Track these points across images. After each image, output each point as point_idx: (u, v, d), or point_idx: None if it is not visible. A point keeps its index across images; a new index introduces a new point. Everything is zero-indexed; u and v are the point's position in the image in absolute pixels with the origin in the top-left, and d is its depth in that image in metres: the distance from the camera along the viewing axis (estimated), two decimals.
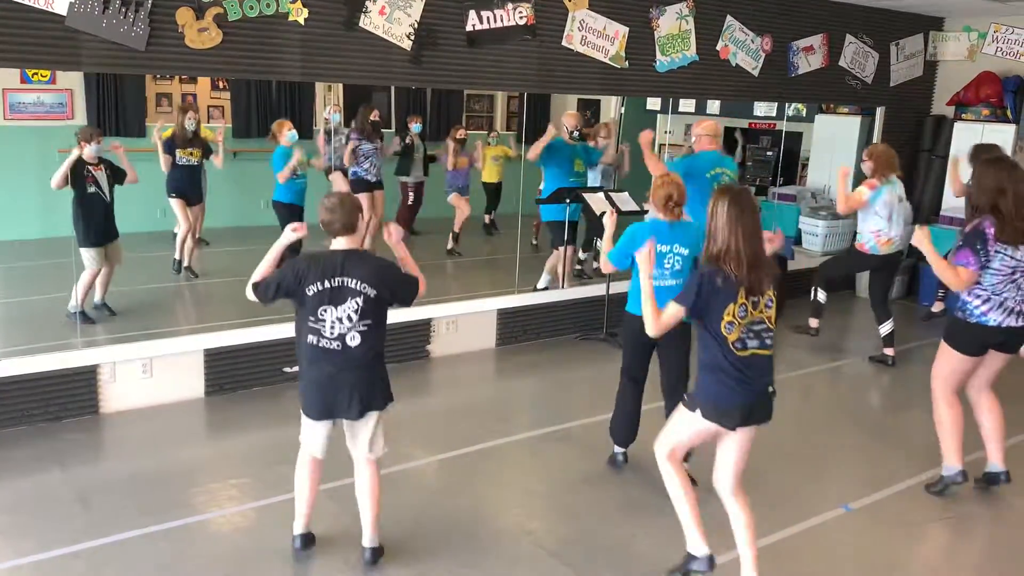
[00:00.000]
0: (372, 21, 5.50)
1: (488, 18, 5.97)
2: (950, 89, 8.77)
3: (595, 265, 7.87)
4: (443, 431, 5.12)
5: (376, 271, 3.39)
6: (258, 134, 9.57)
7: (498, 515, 4.18)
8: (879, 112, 8.80)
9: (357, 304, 3.35)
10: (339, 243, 3.41)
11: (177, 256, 7.36)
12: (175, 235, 8.38)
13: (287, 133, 7.20)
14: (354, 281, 3.34)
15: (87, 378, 5.07)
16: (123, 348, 5.25)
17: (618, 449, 4.73)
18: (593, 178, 8.54)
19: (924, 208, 8.89)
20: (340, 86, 9.42)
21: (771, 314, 3.27)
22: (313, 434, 3.65)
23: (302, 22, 5.24)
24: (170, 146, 7.23)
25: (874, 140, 8.83)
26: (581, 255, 8.33)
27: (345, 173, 8.21)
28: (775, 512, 4.13)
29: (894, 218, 6.32)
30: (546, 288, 7.21)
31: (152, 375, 5.27)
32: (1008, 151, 8.06)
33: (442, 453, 4.73)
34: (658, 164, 6.08)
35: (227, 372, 5.53)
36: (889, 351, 6.68)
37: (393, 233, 3.62)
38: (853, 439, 5.18)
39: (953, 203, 8.57)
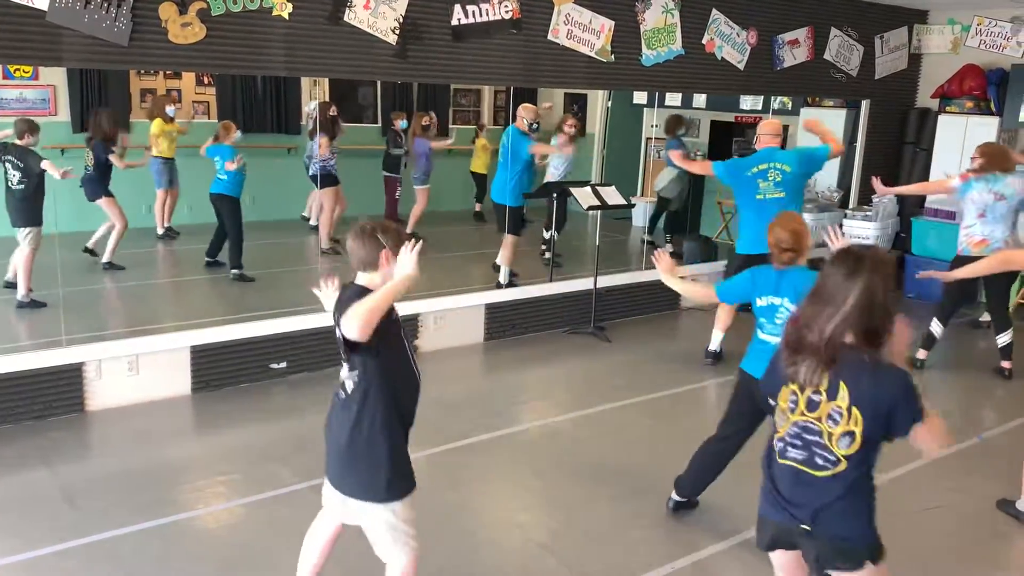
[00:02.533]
0: (357, 15, 5.48)
1: (473, 12, 5.95)
2: (934, 82, 8.81)
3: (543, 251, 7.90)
4: (433, 426, 5.12)
5: (346, 304, 2.60)
6: (244, 129, 9.54)
7: (489, 508, 4.19)
8: (864, 105, 8.84)
9: (340, 346, 2.70)
10: (359, 278, 2.79)
11: (108, 258, 7.39)
12: (159, 235, 8.39)
13: (234, 135, 7.63)
14: (338, 315, 2.68)
15: (72, 376, 5.04)
16: (109, 345, 5.22)
17: (678, 497, 4.14)
18: (559, 165, 8.59)
19: (908, 201, 8.93)
20: (326, 80, 9.42)
21: (836, 429, 2.36)
22: (325, 495, 3.02)
23: (286, 16, 5.21)
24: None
25: (859, 133, 8.88)
26: (546, 234, 8.53)
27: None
28: None
29: (988, 217, 5.91)
30: (510, 283, 7.19)
31: (138, 372, 5.24)
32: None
33: (432, 448, 4.73)
34: (702, 165, 6.23)
35: (214, 368, 5.51)
36: (1006, 364, 6.19)
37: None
38: None
39: (939, 196, 8.62)
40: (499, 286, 7.13)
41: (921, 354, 6.26)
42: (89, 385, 5.11)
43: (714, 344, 6.35)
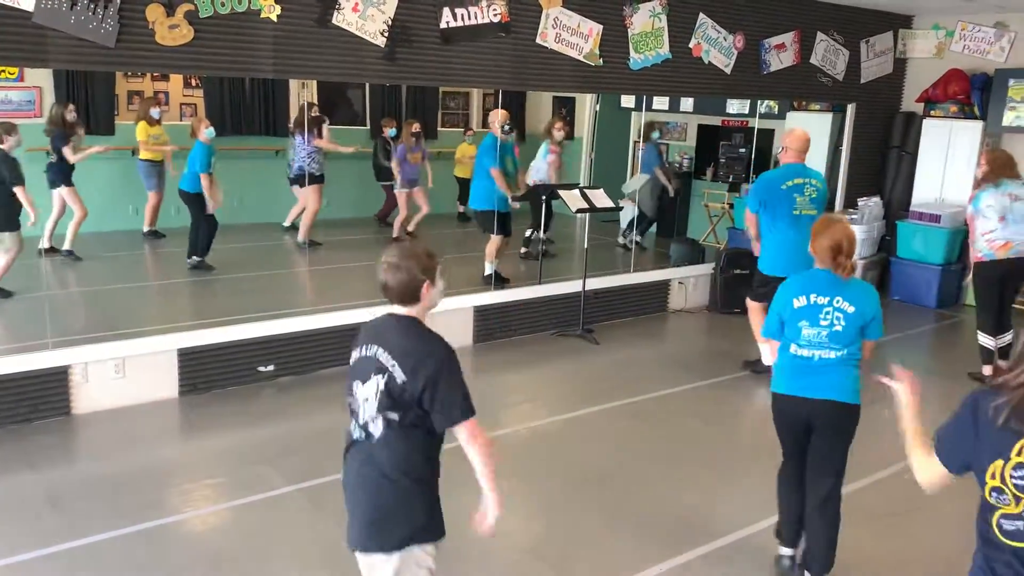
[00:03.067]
0: (345, 18, 5.47)
1: (462, 15, 5.96)
2: (919, 86, 8.88)
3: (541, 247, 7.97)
4: None
5: (417, 352, 2.44)
6: (232, 132, 9.53)
7: (473, 512, 4.18)
8: (850, 109, 8.89)
9: (378, 385, 2.44)
10: (394, 309, 2.56)
11: (68, 246, 7.45)
12: (144, 233, 8.36)
13: (205, 130, 7.57)
14: (384, 354, 2.45)
15: (58, 379, 5.01)
16: (95, 348, 5.19)
17: (785, 551, 3.66)
18: (541, 168, 8.63)
19: (894, 204, 9.00)
20: (314, 83, 9.41)
21: None
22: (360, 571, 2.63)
23: (274, 19, 5.20)
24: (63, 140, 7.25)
25: (845, 136, 8.93)
26: (527, 233, 8.64)
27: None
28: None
29: (1008, 219, 5.89)
30: (491, 274, 7.28)
31: (125, 375, 5.22)
32: (975, 147, 8.21)
33: None
34: (751, 222, 5.86)
35: (201, 371, 5.49)
36: (987, 370, 6.14)
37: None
38: None
39: (923, 198, 8.70)
40: (489, 280, 7.23)
41: (986, 370, 6.13)
42: (75, 388, 5.08)
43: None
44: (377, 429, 2.46)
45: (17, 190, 6.03)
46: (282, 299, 7.13)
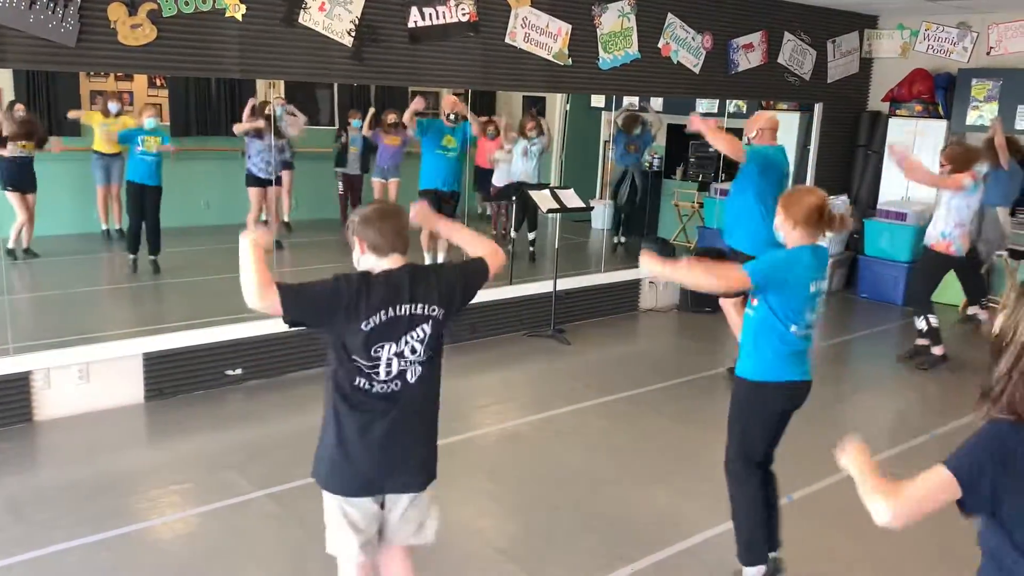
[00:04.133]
0: (312, 17, 5.42)
1: (430, 15, 5.93)
2: (885, 85, 8.99)
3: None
4: None
5: (444, 282, 2.62)
6: (197, 132, 9.41)
7: (447, 513, 4.15)
8: (817, 108, 8.98)
9: (424, 332, 2.54)
10: (386, 262, 2.57)
11: (11, 245, 7.38)
12: (103, 229, 8.21)
13: (147, 119, 7.57)
14: (422, 306, 2.54)
15: (20, 385, 4.90)
16: (58, 353, 5.09)
17: (753, 572, 3.46)
18: (526, 166, 8.63)
19: (861, 203, 9.09)
20: (282, 83, 9.32)
21: None
22: (353, 524, 2.61)
23: (240, 18, 5.14)
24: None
25: (812, 135, 9.02)
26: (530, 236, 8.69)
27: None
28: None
29: (974, 217, 6.17)
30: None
31: (89, 380, 5.12)
32: (939, 146, 8.32)
33: None
34: (732, 141, 5.56)
35: (167, 376, 5.41)
36: (923, 342, 6.47)
37: (419, 210, 2.86)
38: None
39: (890, 196, 8.81)
40: None
41: (938, 350, 6.37)
42: (37, 394, 4.97)
43: None
44: (415, 373, 2.55)
45: None
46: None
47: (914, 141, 8.61)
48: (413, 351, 2.53)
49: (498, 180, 8.96)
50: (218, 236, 8.32)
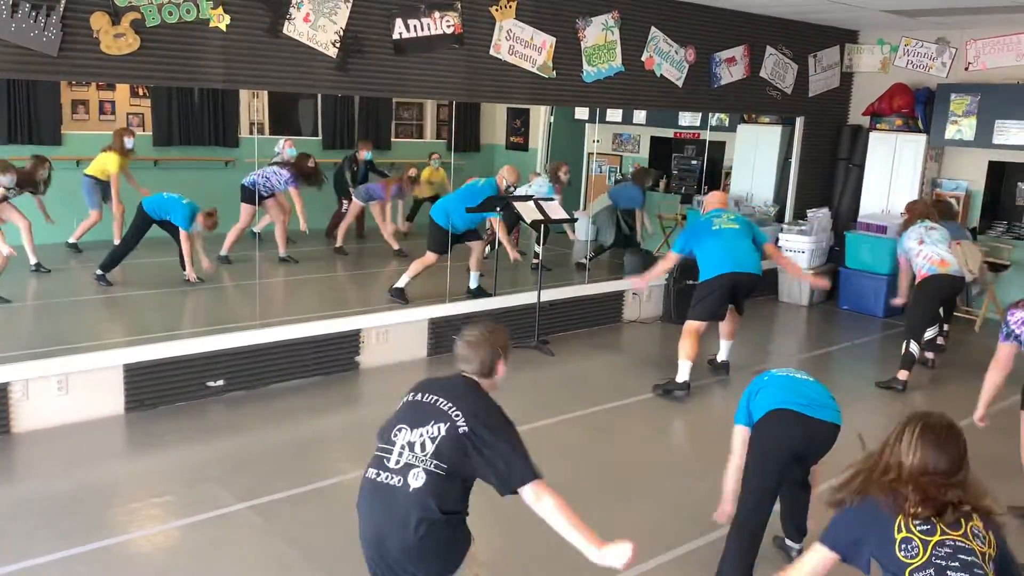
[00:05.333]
0: (296, 28, 5.42)
1: (415, 26, 5.94)
2: (865, 100, 9.09)
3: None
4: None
5: (482, 412, 2.56)
6: (180, 142, 9.37)
7: None
8: (799, 122, 9.06)
9: (439, 432, 2.51)
10: (466, 372, 2.75)
11: None
12: (67, 244, 8.15)
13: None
14: (449, 405, 2.56)
15: None
16: (37, 364, 5.02)
17: None
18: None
19: (842, 215, 9.17)
20: (265, 93, 9.31)
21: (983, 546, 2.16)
22: None
23: (224, 28, 5.13)
24: None
25: (794, 149, 9.11)
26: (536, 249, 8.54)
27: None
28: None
29: (927, 241, 6.24)
30: (400, 288, 7.05)
31: (68, 392, 5.06)
32: (919, 159, 8.42)
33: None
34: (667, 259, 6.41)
35: (148, 387, 5.36)
36: (903, 375, 6.35)
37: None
38: None
39: (870, 209, 8.89)
40: (390, 290, 7.11)
41: (902, 375, 6.30)
42: (15, 406, 4.91)
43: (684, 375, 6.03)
44: (417, 479, 2.49)
45: None
46: (231, 312, 7.02)
47: (894, 155, 8.71)
48: (422, 448, 2.51)
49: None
50: (207, 245, 8.29)
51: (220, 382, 5.62)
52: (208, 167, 9.43)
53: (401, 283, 7.07)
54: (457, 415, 2.52)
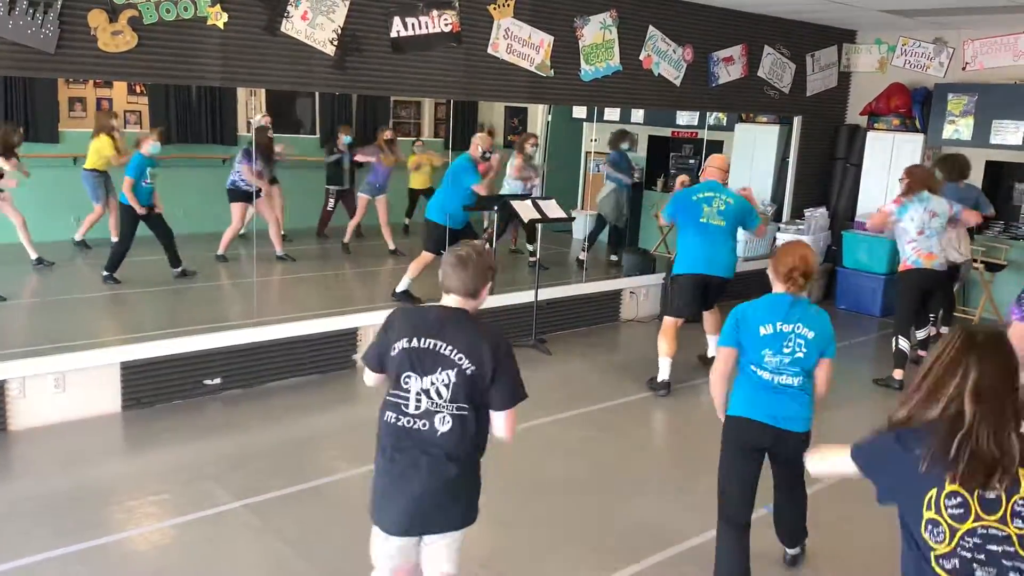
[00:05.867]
0: (294, 26, 5.41)
1: (413, 25, 5.94)
2: (863, 99, 9.09)
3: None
4: (369, 442, 5.05)
5: (480, 344, 2.59)
6: (178, 140, 9.36)
7: None
8: (796, 121, 9.07)
9: (448, 378, 2.57)
10: (447, 300, 2.71)
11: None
12: (74, 242, 8.15)
13: (150, 145, 7.42)
14: (449, 348, 2.59)
15: None
16: (33, 362, 5.02)
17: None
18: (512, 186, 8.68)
19: (839, 215, 9.18)
20: (263, 91, 9.30)
21: None
22: (385, 553, 2.78)
23: (221, 26, 5.12)
24: None
25: (791, 148, 9.11)
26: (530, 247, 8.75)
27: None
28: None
29: (927, 232, 6.17)
30: (405, 291, 7.07)
31: (65, 390, 5.06)
32: (917, 159, 8.42)
33: (369, 465, 4.66)
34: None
35: (145, 385, 5.35)
36: (898, 375, 6.41)
37: None
38: None
39: (868, 209, 8.89)
40: (394, 294, 7.11)
41: (898, 374, 6.34)
42: (12, 404, 4.91)
43: (664, 373, 6.10)
44: (444, 423, 2.58)
45: None
46: (228, 310, 7.01)
47: (891, 154, 8.71)
48: (439, 394, 2.58)
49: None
50: (197, 244, 8.30)
51: (217, 380, 5.62)
52: (206, 165, 9.42)
53: (403, 286, 7.09)
54: (460, 358, 2.57)
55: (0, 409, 4.87)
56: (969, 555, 1.88)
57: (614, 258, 9.41)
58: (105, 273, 7.39)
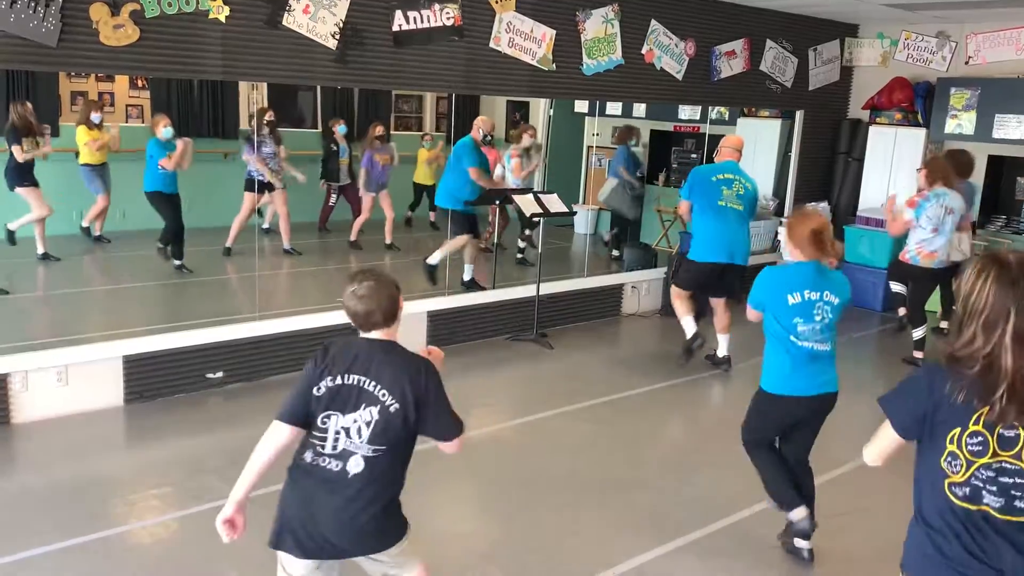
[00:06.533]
0: (296, 20, 5.41)
1: (415, 18, 5.93)
2: (865, 93, 9.07)
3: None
4: None
5: (402, 377, 2.48)
6: (180, 134, 9.32)
7: (429, 519, 4.14)
8: (799, 115, 9.05)
9: (371, 415, 2.45)
10: (370, 334, 2.57)
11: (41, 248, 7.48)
12: (82, 228, 8.15)
13: (163, 129, 7.51)
14: (374, 384, 2.47)
15: None
16: (36, 356, 5.04)
17: (797, 514, 3.71)
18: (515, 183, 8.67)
19: (841, 209, 9.17)
20: (264, 85, 9.28)
21: None
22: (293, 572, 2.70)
23: (223, 20, 5.12)
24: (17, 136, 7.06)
25: (793, 142, 9.09)
26: (520, 244, 8.80)
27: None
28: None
29: (940, 231, 6.24)
30: (434, 266, 7.23)
31: (68, 383, 5.07)
32: (919, 154, 8.41)
33: None
34: (682, 209, 6.32)
35: (147, 379, 5.36)
36: (919, 354, 6.63)
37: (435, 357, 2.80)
38: None
39: (870, 203, 8.89)
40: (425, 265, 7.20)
41: (918, 355, 6.64)
42: (15, 397, 4.92)
43: (690, 329, 6.33)
44: (357, 465, 2.46)
45: None
46: (231, 304, 7.02)
47: (893, 149, 8.70)
48: (359, 434, 2.45)
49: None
50: (198, 238, 8.30)
51: (219, 374, 5.63)
52: (207, 159, 9.40)
53: (434, 260, 7.22)
54: (384, 394, 2.46)
55: (3, 402, 4.88)
56: (981, 484, 2.02)
57: (615, 253, 9.40)
58: (176, 263, 7.51)
